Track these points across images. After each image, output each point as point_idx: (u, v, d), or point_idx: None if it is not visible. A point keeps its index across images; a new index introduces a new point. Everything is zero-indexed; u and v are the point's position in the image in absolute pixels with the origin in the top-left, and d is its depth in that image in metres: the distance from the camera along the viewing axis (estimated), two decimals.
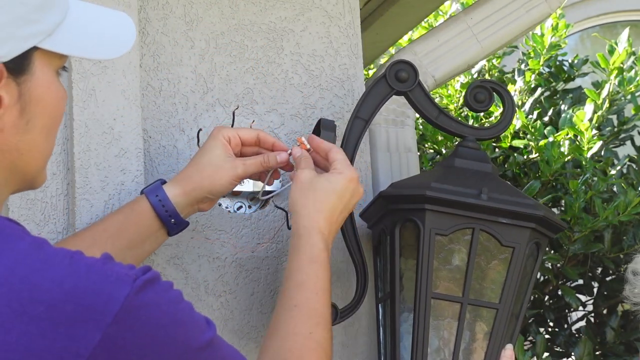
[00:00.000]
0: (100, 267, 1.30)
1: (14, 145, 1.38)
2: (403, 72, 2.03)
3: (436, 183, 1.94)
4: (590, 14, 8.22)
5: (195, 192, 1.87)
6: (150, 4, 2.06)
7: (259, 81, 2.12)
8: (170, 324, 1.32)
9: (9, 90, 1.35)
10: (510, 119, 2.08)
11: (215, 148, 1.88)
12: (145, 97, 2.04)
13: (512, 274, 1.96)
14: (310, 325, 1.66)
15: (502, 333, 1.97)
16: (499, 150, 3.21)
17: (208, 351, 1.36)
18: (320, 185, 1.84)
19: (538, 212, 1.95)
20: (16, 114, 1.37)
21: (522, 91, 3.41)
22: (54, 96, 1.42)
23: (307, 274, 1.72)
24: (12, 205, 1.90)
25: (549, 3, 2.36)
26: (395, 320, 1.98)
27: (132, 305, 1.28)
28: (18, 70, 1.36)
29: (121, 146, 1.95)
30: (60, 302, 1.26)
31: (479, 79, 2.11)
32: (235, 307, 2.05)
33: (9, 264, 1.27)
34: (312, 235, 1.77)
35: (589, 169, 2.99)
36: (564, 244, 2.99)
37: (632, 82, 3.24)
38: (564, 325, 3.23)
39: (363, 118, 2.03)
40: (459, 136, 2.06)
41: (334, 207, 1.82)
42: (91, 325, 1.26)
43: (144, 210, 1.84)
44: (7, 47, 1.34)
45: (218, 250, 2.05)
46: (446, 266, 1.97)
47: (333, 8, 2.19)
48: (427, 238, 1.94)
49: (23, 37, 1.35)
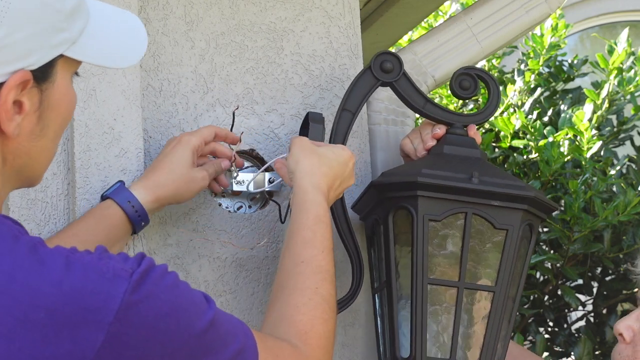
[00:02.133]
0: (96, 264, 1.30)
1: (26, 149, 1.37)
2: (388, 63, 2.04)
3: (427, 169, 1.95)
4: (589, 14, 8.22)
5: (167, 200, 1.91)
6: (151, 4, 2.07)
7: (259, 81, 2.13)
8: (172, 312, 1.32)
9: (31, 97, 1.34)
10: (496, 105, 2.10)
11: (187, 158, 1.91)
12: (146, 97, 2.04)
13: (506, 256, 1.97)
14: (316, 280, 1.67)
15: (500, 316, 1.98)
16: (498, 150, 3.22)
17: (211, 331, 1.37)
18: (325, 152, 1.87)
19: (529, 193, 1.96)
20: (34, 121, 1.36)
21: (521, 91, 3.41)
22: (69, 101, 1.41)
23: (314, 232, 1.73)
24: (12, 205, 1.90)
25: (549, 3, 2.37)
26: (393, 309, 1.99)
27: (131, 300, 1.28)
28: (43, 77, 1.35)
29: (121, 146, 1.95)
30: (60, 305, 1.26)
31: (463, 67, 2.11)
32: (235, 307, 2.05)
33: (7, 269, 1.27)
34: (318, 195, 1.79)
35: (588, 169, 2.99)
36: (564, 244, 2.99)
37: (632, 82, 3.24)
38: (563, 325, 3.23)
39: (350, 110, 2.04)
40: (447, 124, 2.07)
41: (335, 176, 1.85)
42: (93, 327, 1.26)
43: (116, 215, 1.85)
44: (37, 56, 1.33)
45: (218, 250, 2.05)
46: (441, 251, 1.98)
47: (333, 8, 2.19)
48: (420, 224, 1.94)
49: (53, 45, 1.34)
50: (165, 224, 2.02)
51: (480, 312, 1.99)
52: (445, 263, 1.98)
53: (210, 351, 1.37)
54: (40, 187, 1.92)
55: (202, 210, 2.05)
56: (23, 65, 1.31)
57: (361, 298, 2.11)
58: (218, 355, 1.38)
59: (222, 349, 1.38)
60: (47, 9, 1.33)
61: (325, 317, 1.63)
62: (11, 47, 1.30)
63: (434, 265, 1.97)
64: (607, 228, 2.95)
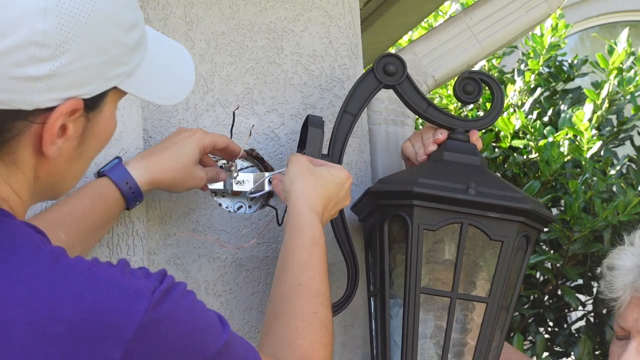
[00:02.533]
0: (118, 279, 1.29)
1: (61, 171, 1.37)
2: (391, 66, 2.04)
3: (424, 178, 1.94)
4: (589, 14, 8.22)
5: (161, 186, 1.90)
6: (150, 4, 2.07)
7: (259, 81, 2.12)
8: (189, 333, 1.32)
9: (77, 124, 1.34)
10: (499, 110, 2.09)
11: (194, 154, 1.90)
12: None
13: (501, 267, 1.96)
14: (314, 304, 1.67)
15: (492, 326, 1.97)
16: (498, 150, 3.22)
17: (224, 354, 1.36)
18: (321, 173, 1.86)
19: (526, 206, 1.95)
20: (74, 145, 1.36)
21: (521, 91, 3.41)
22: (111, 131, 1.42)
23: (311, 254, 1.73)
24: None
25: (549, 3, 2.36)
26: (386, 315, 1.99)
27: (151, 319, 1.28)
28: (92, 107, 1.35)
29: (121, 146, 1.95)
30: (80, 320, 1.25)
31: (467, 71, 2.10)
32: (235, 307, 2.05)
33: (27, 280, 1.26)
34: (313, 216, 1.79)
35: (588, 169, 2.99)
36: (564, 244, 2.99)
37: (632, 82, 3.24)
38: (563, 325, 3.23)
39: (351, 113, 2.04)
40: (449, 129, 2.06)
41: (330, 197, 1.84)
42: (111, 343, 1.25)
43: (113, 196, 1.84)
44: (94, 86, 1.33)
45: (218, 250, 2.05)
46: (435, 261, 1.98)
47: (333, 8, 2.19)
48: (415, 233, 1.94)
49: (110, 77, 1.35)
50: (165, 224, 2.02)
51: (472, 322, 1.99)
52: (439, 272, 1.98)
53: None
54: None
55: (202, 210, 2.05)
56: (78, 93, 1.31)
57: (361, 299, 2.11)
58: None
59: None
60: (114, 42, 1.33)
61: (324, 342, 1.63)
62: (72, 74, 1.30)
63: (428, 273, 1.97)
64: (607, 228, 2.95)
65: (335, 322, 2.10)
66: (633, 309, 2.04)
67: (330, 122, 2.07)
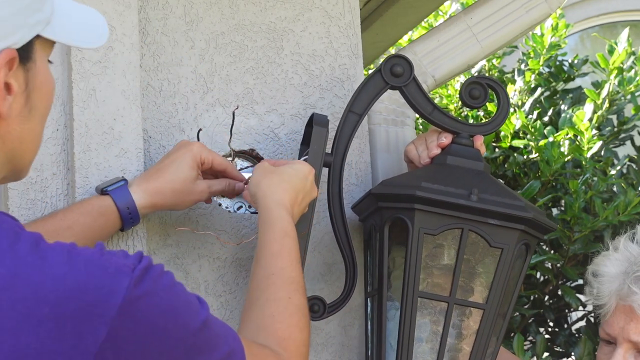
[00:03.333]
0: (98, 259, 1.31)
1: (18, 133, 1.39)
2: (398, 67, 2.04)
3: (426, 182, 1.94)
4: (590, 14, 8.22)
5: (162, 207, 1.92)
6: (150, 4, 2.07)
7: (259, 81, 2.12)
8: (169, 311, 1.34)
9: (18, 77, 1.36)
10: (505, 116, 2.08)
11: (191, 169, 1.91)
12: (146, 97, 2.04)
13: (499, 274, 1.96)
14: (288, 291, 1.69)
15: (488, 333, 1.97)
16: (499, 150, 3.22)
17: (205, 331, 1.39)
18: (284, 170, 1.89)
19: (527, 214, 1.95)
20: (22, 102, 1.38)
21: (522, 91, 3.41)
22: (50, 84, 1.44)
23: (282, 245, 1.75)
24: (12, 205, 1.90)
25: (549, 3, 2.36)
26: (382, 317, 1.99)
27: (132, 296, 1.30)
28: (26, 57, 1.37)
29: (121, 146, 1.95)
30: (63, 300, 1.26)
31: (474, 76, 2.10)
32: (235, 307, 2.05)
33: (10, 265, 1.27)
34: (281, 210, 1.81)
35: (588, 169, 2.99)
36: (564, 244, 2.99)
37: (632, 82, 3.24)
38: (563, 325, 3.23)
39: (357, 112, 2.04)
40: (453, 133, 2.06)
41: (297, 190, 1.87)
42: (97, 321, 1.27)
43: (113, 217, 1.86)
44: (19, 35, 1.35)
45: (218, 250, 2.05)
46: (434, 265, 1.97)
47: (333, 8, 2.19)
48: (415, 237, 1.94)
49: (31, 24, 1.37)
50: (165, 224, 2.02)
51: (469, 328, 1.98)
52: (437, 277, 1.97)
53: (203, 351, 1.38)
54: (40, 187, 1.92)
55: (202, 210, 2.05)
56: (7, 44, 1.34)
57: (361, 299, 2.11)
58: (210, 355, 1.39)
59: (214, 350, 1.40)
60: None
61: (300, 326, 1.65)
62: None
63: (426, 278, 1.96)
64: (608, 228, 2.95)
65: (335, 322, 2.11)
66: (619, 316, 2.04)
67: (330, 122, 2.06)
